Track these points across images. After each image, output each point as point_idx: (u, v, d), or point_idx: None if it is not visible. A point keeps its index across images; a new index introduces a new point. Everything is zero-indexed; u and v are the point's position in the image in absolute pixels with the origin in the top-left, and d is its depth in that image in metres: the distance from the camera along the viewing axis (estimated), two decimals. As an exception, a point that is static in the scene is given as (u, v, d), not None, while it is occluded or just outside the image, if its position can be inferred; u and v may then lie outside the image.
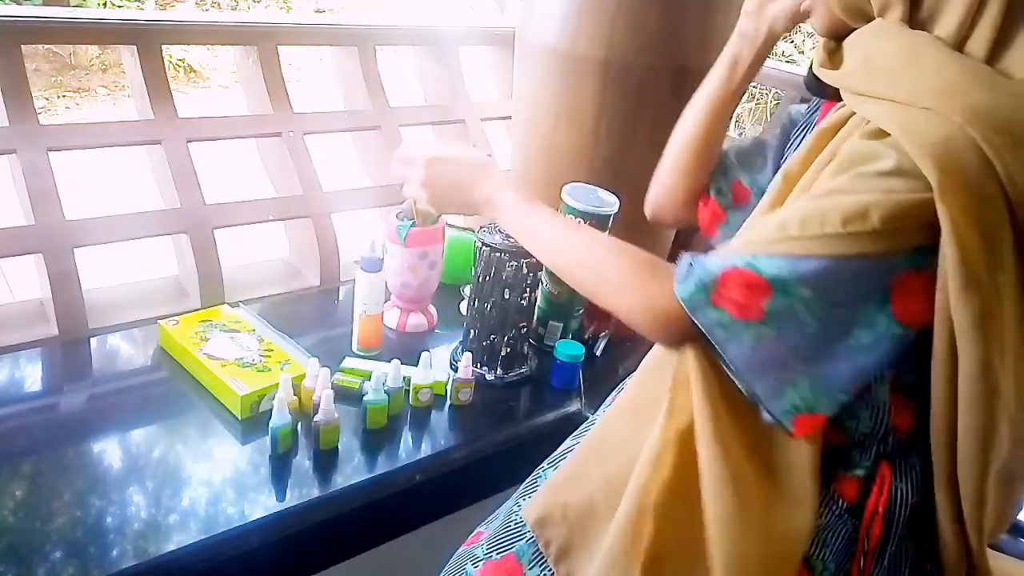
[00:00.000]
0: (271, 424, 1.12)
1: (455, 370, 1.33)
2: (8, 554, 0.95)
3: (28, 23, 1.49)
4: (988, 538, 0.80)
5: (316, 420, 1.15)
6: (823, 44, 0.81)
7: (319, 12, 7.17)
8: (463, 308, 1.52)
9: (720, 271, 0.72)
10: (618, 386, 1.02)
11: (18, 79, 1.46)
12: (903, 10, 0.72)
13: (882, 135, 0.68)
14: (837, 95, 0.78)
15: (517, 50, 1.63)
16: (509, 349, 1.35)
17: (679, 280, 0.75)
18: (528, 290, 1.32)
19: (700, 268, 0.74)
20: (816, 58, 0.82)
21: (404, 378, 1.26)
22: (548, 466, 1.03)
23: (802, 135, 0.94)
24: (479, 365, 1.36)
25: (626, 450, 0.89)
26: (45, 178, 1.44)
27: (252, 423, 1.20)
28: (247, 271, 1.79)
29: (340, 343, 1.41)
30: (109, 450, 1.15)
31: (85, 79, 5.91)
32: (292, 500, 1.08)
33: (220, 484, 1.10)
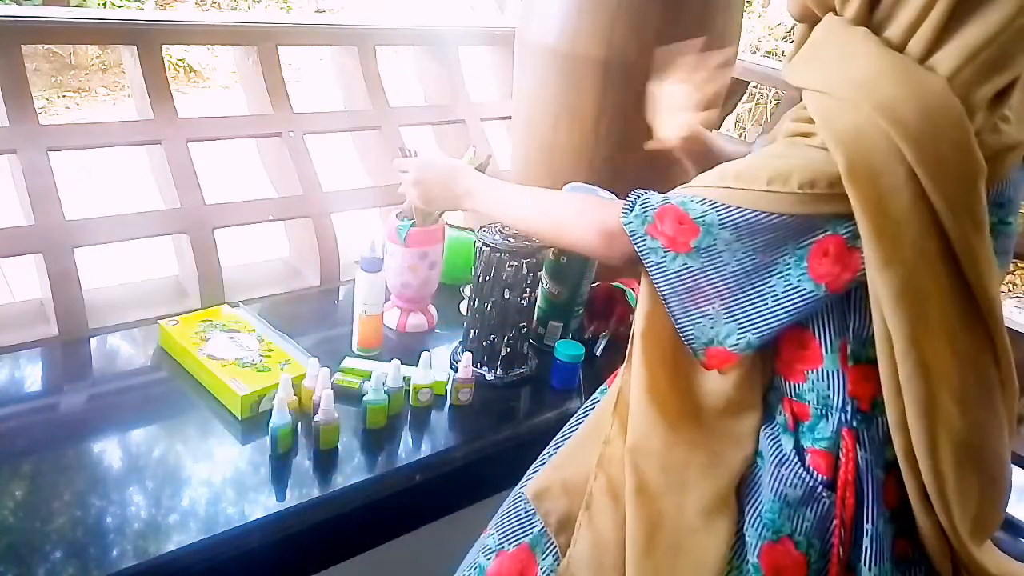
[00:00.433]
0: (271, 424, 1.12)
1: (455, 370, 1.33)
2: (8, 554, 0.95)
3: (28, 23, 1.49)
4: (974, 533, 0.81)
5: (316, 420, 1.15)
6: (798, 33, 0.87)
7: (319, 12, 7.17)
8: (463, 308, 1.52)
9: (659, 206, 0.84)
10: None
11: (18, 79, 1.46)
12: (859, 7, 0.77)
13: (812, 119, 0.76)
14: None
15: (517, 50, 1.63)
16: (509, 349, 1.35)
17: (626, 210, 0.87)
18: (528, 290, 1.32)
19: (643, 202, 0.86)
20: (790, 51, 0.88)
21: (404, 378, 1.26)
22: (552, 449, 1.06)
23: None
24: (479, 365, 1.36)
25: None
26: (45, 178, 1.44)
27: (252, 423, 1.20)
28: (247, 271, 1.79)
29: (340, 343, 1.41)
30: (109, 450, 1.15)
31: (85, 79, 5.91)
32: (292, 500, 1.08)
33: (220, 484, 1.10)
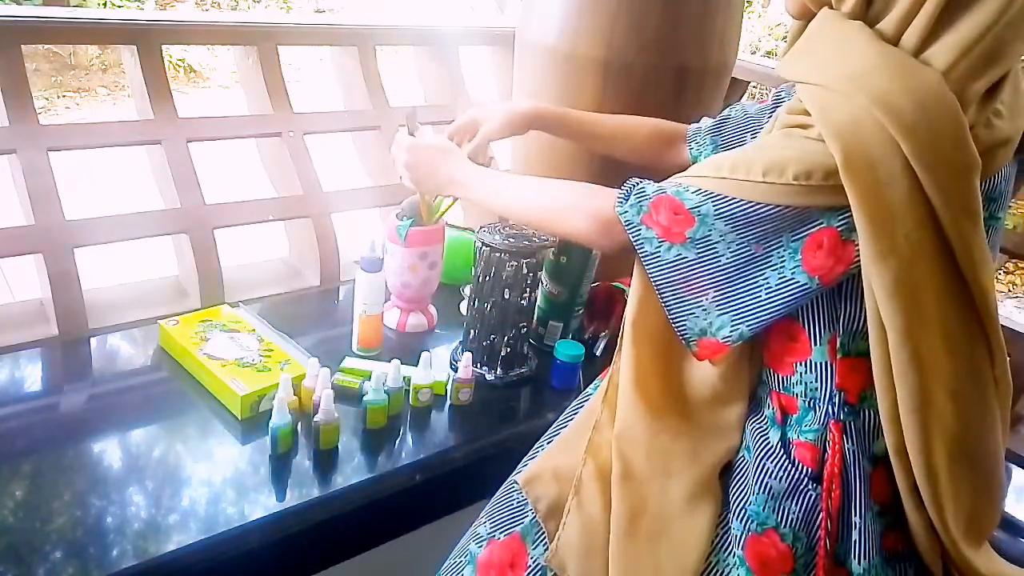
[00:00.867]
0: (271, 424, 1.12)
1: (455, 370, 1.33)
2: (8, 554, 0.95)
3: (28, 23, 1.49)
4: (969, 534, 0.81)
5: (316, 420, 1.15)
6: (792, 29, 0.87)
7: (319, 12, 7.17)
8: (463, 308, 1.52)
9: (654, 196, 0.83)
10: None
11: (18, 79, 1.46)
12: (856, 2, 0.77)
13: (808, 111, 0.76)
14: None
15: (517, 50, 1.63)
16: (509, 349, 1.35)
17: (621, 198, 0.87)
18: (528, 290, 1.32)
19: (639, 191, 0.85)
20: (786, 47, 0.88)
21: (404, 378, 1.26)
22: (544, 442, 1.07)
23: None
24: (479, 365, 1.36)
25: None
26: (45, 178, 1.44)
27: (252, 423, 1.20)
28: (247, 271, 1.79)
29: (340, 343, 1.41)
30: (109, 450, 1.15)
31: (85, 79, 5.91)
32: (292, 500, 1.08)
33: (220, 484, 1.10)
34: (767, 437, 0.87)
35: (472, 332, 1.36)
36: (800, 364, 0.85)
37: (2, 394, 1.27)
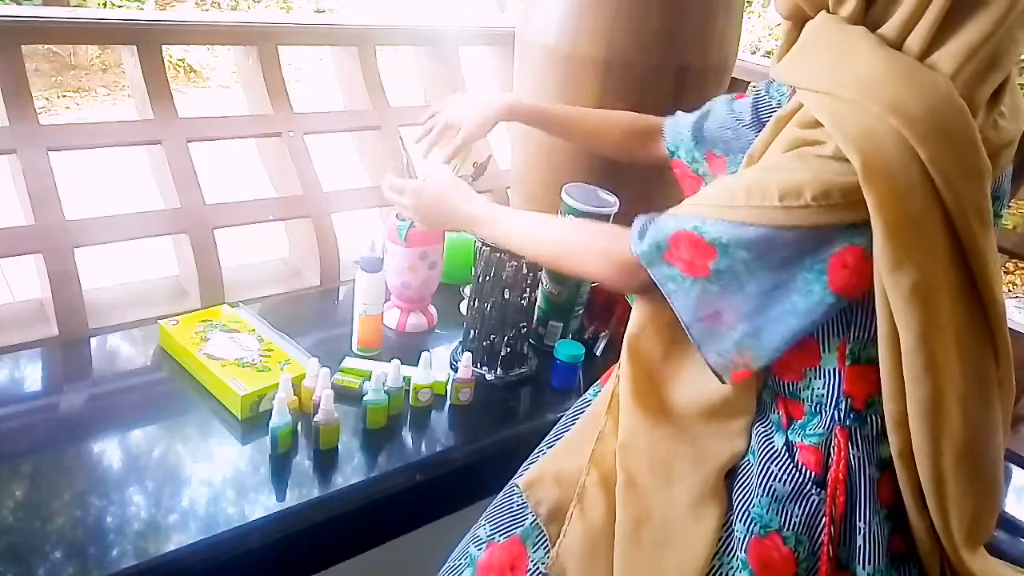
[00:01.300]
0: (271, 424, 1.12)
1: (455, 370, 1.33)
2: (8, 554, 0.95)
3: (28, 23, 1.49)
4: (969, 538, 0.81)
5: (316, 420, 1.15)
6: (784, 31, 0.86)
7: (319, 12, 7.17)
8: (463, 308, 1.52)
9: (672, 232, 0.81)
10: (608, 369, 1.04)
11: (18, 79, 1.46)
12: (855, 7, 0.76)
13: (819, 123, 0.74)
14: None
15: (517, 50, 1.63)
16: (509, 349, 1.35)
17: (636, 238, 0.85)
18: (528, 290, 1.32)
19: (654, 229, 0.83)
20: (778, 49, 0.87)
21: (404, 378, 1.26)
22: (545, 447, 1.06)
23: None
24: (479, 365, 1.36)
25: None
26: (45, 178, 1.44)
27: (252, 423, 1.20)
28: (247, 271, 1.79)
29: (340, 343, 1.41)
30: (109, 450, 1.15)
31: (85, 79, 5.91)
32: (292, 500, 1.08)
33: (220, 484, 1.10)
34: (772, 441, 0.87)
35: (472, 332, 1.36)
36: (809, 370, 0.84)
37: (2, 394, 1.27)
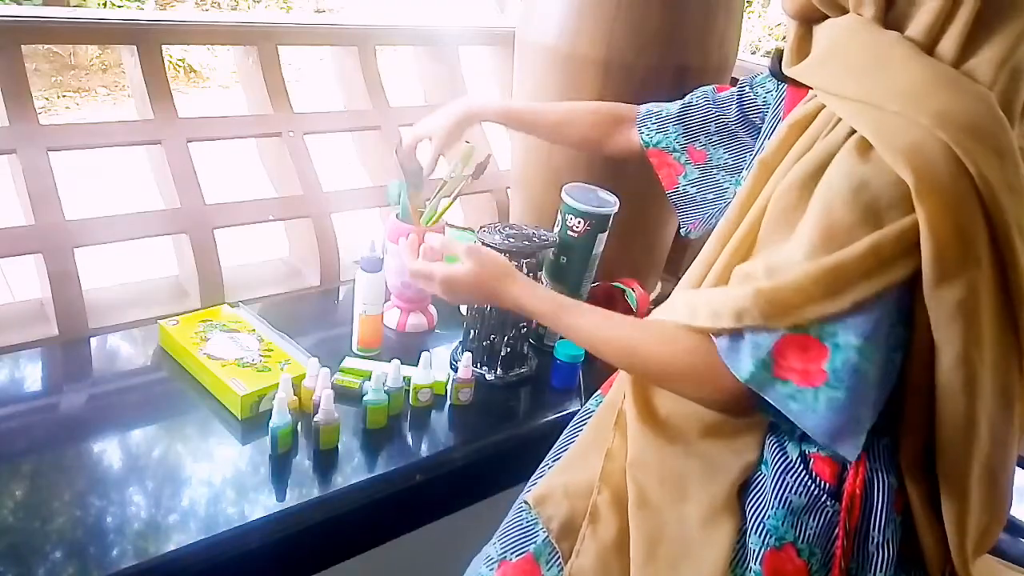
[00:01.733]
0: (271, 424, 1.12)
1: (455, 370, 1.33)
2: (8, 554, 0.95)
3: (28, 23, 1.49)
4: (977, 551, 0.80)
5: (316, 420, 1.15)
6: (793, 31, 0.82)
7: (319, 12, 7.17)
8: (463, 308, 1.52)
9: (773, 343, 0.73)
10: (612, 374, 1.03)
11: (18, 79, 1.46)
12: (877, 7, 0.73)
13: (865, 150, 0.70)
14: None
15: (517, 50, 1.63)
16: (509, 349, 1.35)
17: (731, 360, 0.76)
18: (528, 290, 1.32)
19: (752, 344, 0.75)
20: (787, 49, 0.83)
21: (404, 378, 1.26)
22: (551, 459, 1.05)
23: (775, 123, 0.99)
24: (479, 365, 1.36)
25: None
26: (45, 178, 1.44)
27: (252, 423, 1.20)
28: (247, 271, 1.79)
29: (340, 343, 1.41)
30: (109, 450, 1.15)
31: (85, 79, 5.91)
32: (292, 500, 1.08)
33: (220, 484, 1.10)
34: (785, 451, 0.85)
35: (472, 332, 1.36)
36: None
37: (2, 394, 1.27)
